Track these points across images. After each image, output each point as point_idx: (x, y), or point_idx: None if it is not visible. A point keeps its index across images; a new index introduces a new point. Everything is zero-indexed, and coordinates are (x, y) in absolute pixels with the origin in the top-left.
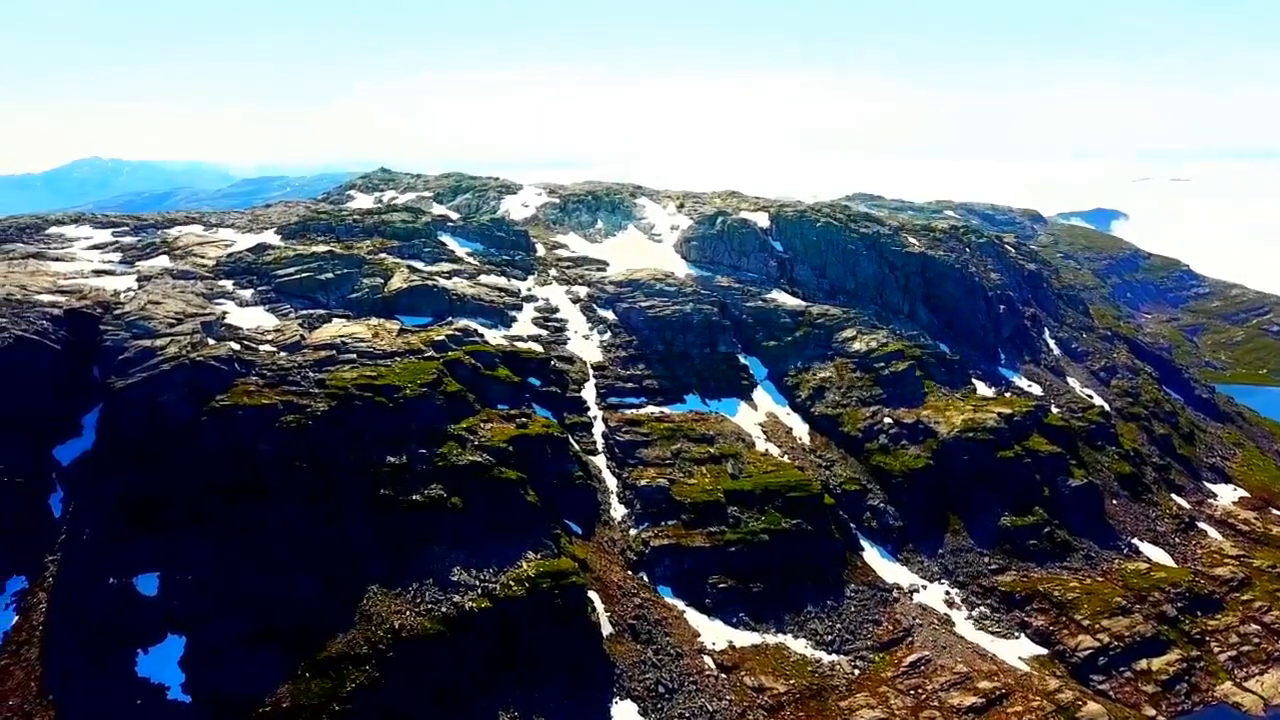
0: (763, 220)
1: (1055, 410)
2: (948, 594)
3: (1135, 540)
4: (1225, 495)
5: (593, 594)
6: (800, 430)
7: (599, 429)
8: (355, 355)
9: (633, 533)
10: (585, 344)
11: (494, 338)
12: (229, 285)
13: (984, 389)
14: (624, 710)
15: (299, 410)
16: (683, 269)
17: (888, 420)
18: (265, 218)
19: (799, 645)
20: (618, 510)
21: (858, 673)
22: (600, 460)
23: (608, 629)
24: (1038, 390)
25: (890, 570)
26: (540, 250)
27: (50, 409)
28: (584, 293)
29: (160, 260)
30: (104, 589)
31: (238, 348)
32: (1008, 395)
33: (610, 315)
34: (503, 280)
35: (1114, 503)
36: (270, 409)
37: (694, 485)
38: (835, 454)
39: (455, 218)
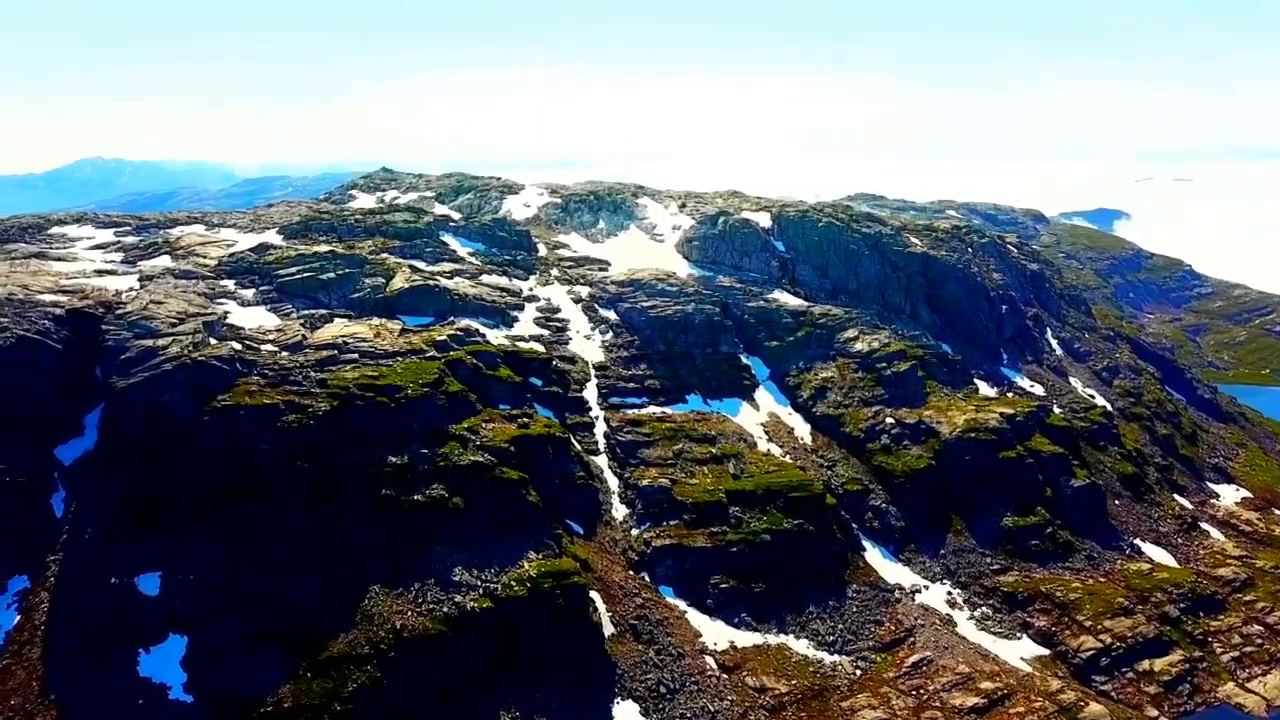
0: (765, 220)
1: (1057, 410)
2: (950, 594)
3: (1137, 541)
4: (1228, 496)
5: (594, 594)
6: (802, 430)
7: (601, 429)
8: (357, 355)
9: (634, 533)
10: (587, 344)
11: (496, 338)
12: (231, 285)
13: (986, 389)
14: (626, 710)
15: (301, 410)
16: (684, 269)
17: (890, 420)
18: (267, 217)
19: (801, 646)
20: (619, 510)
21: (859, 673)
22: (602, 460)
23: (609, 629)
24: (1040, 390)
25: (892, 571)
26: (542, 250)
27: (52, 409)
28: (586, 293)
29: (162, 260)
30: (106, 589)
31: (239, 347)
32: (1010, 395)
33: (612, 315)
34: (504, 280)
35: (1116, 503)
36: (272, 409)
37: (696, 485)
38: (837, 454)
39: (457, 218)
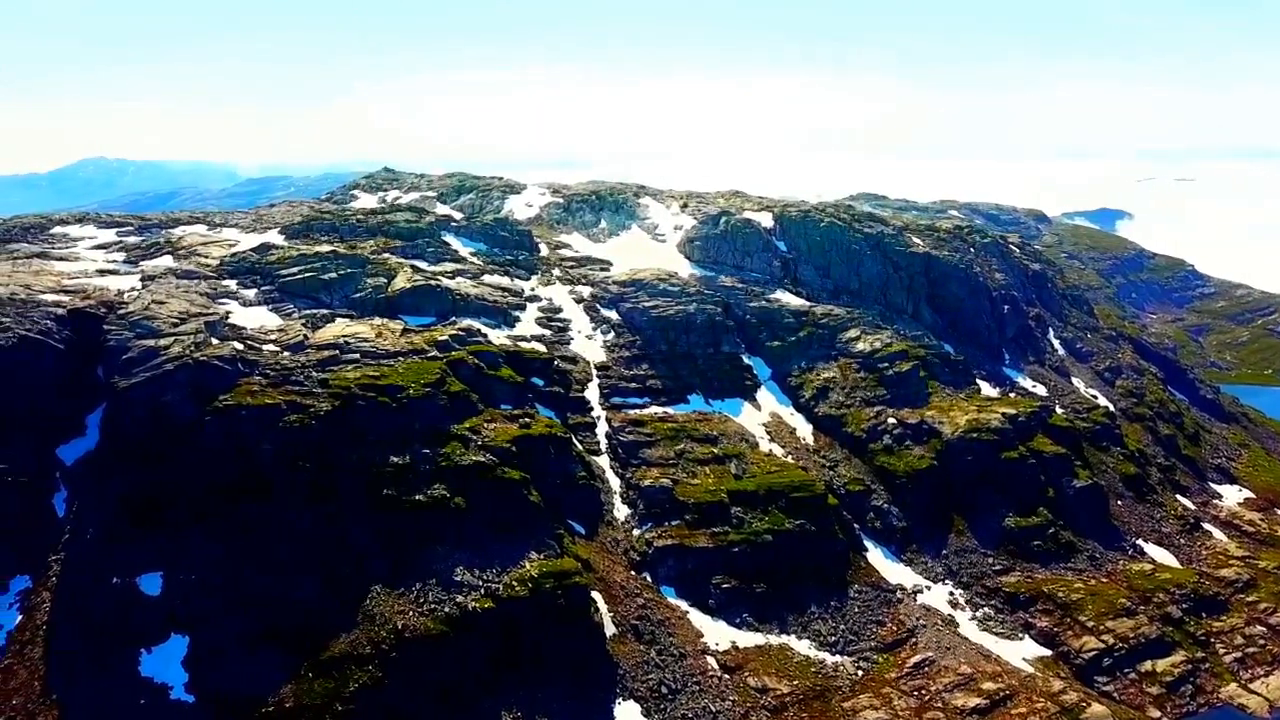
0: (766, 220)
1: (1060, 411)
2: (952, 595)
3: (1140, 541)
4: (1230, 496)
5: (596, 594)
6: (804, 430)
7: (602, 429)
8: (358, 355)
9: (636, 533)
10: (588, 344)
11: (497, 338)
12: (232, 285)
13: (988, 389)
14: (627, 711)
15: (302, 410)
16: (686, 269)
17: (892, 421)
18: (269, 217)
19: (802, 646)
20: (621, 510)
21: (861, 674)
22: (603, 460)
23: (611, 629)
24: (1042, 391)
25: (894, 571)
26: (544, 250)
27: (54, 408)
28: (587, 293)
29: (164, 260)
30: (107, 588)
31: (241, 347)
32: (1012, 396)
33: (614, 315)
34: (506, 280)
35: (1119, 503)
36: (273, 409)
37: (697, 485)
38: (839, 454)
39: (459, 217)
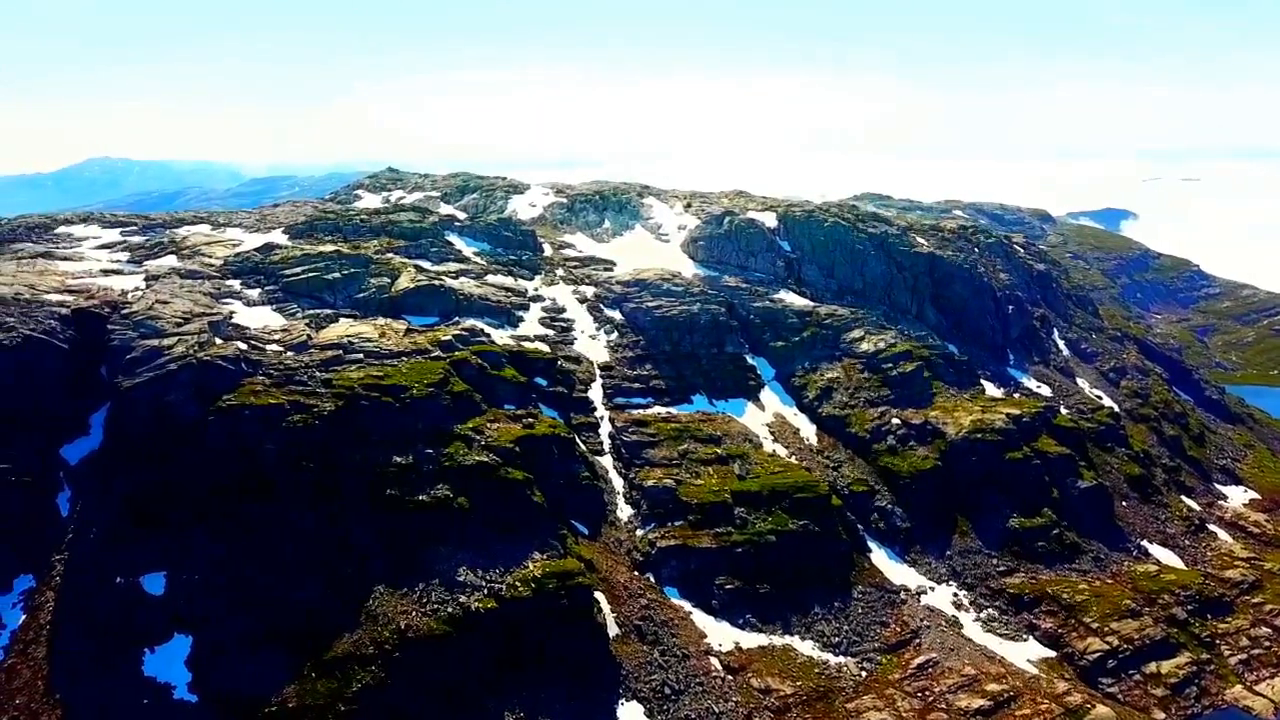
0: (770, 220)
1: (1064, 411)
2: (955, 596)
3: (1145, 542)
4: (1236, 497)
5: (599, 595)
6: (808, 431)
7: (605, 429)
8: (362, 355)
9: (639, 533)
10: (592, 344)
11: (501, 337)
12: (236, 285)
13: (992, 390)
14: (630, 711)
15: (305, 410)
16: (690, 269)
17: (895, 421)
18: (273, 217)
19: (806, 647)
20: (624, 511)
21: (865, 674)
22: (607, 460)
23: (614, 630)
24: (1047, 391)
25: (898, 572)
26: (547, 250)
27: (58, 408)
28: (591, 292)
29: (168, 260)
30: (111, 588)
31: (244, 347)
32: (1016, 396)
33: (617, 315)
34: (509, 280)
35: (1123, 504)
36: (277, 409)
37: (701, 486)
38: (843, 455)
39: (462, 217)
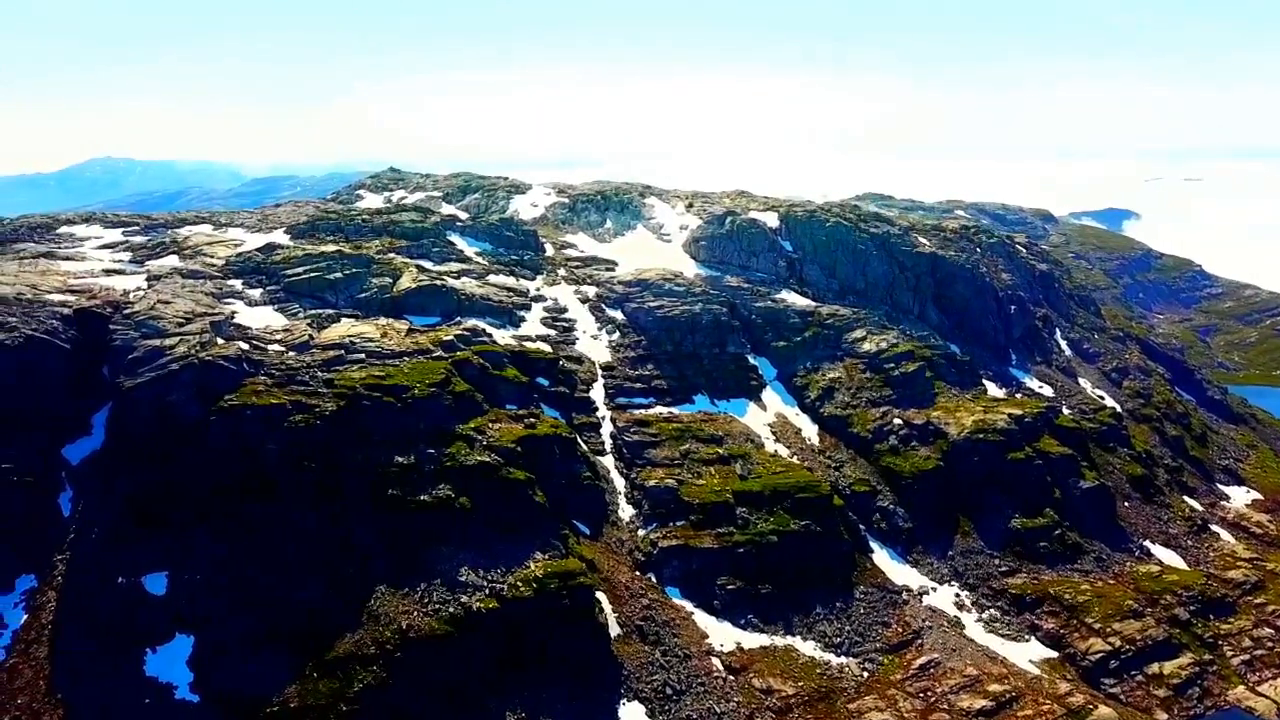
0: (772, 220)
1: (1066, 411)
2: (957, 596)
3: (1147, 543)
4: (1238, 497)
5: (600, 595)
6: (809, 431)
7: (607, 429)
8: (364, 355)
9: (641, 533)
10: (594, 344)
11: (502, 338)
12: (238, 285)
13: (994, 390)
14: (632, 711)
15: (307, 410)
16: (692, 269)
17: (897, 421)
18: (275, 217)
19: (808, 647)
20: (626, 511)
21: (866, 675)
22: (608, 461)
23: (615, 630)
24: (1049, 391)
25: (899, 572)
26: (549, 250)
27: (60, 408)
28: (593, 292)
29: (170, 260)
30: (113, 588)
31: (246, 347)
32: (1018, 396)
33: (619, 315)
34: (511, 280)
35: (1125, 505)
36: (278, 409)
37: (703, 486)
38: (844, 455)
39: (464, 217)
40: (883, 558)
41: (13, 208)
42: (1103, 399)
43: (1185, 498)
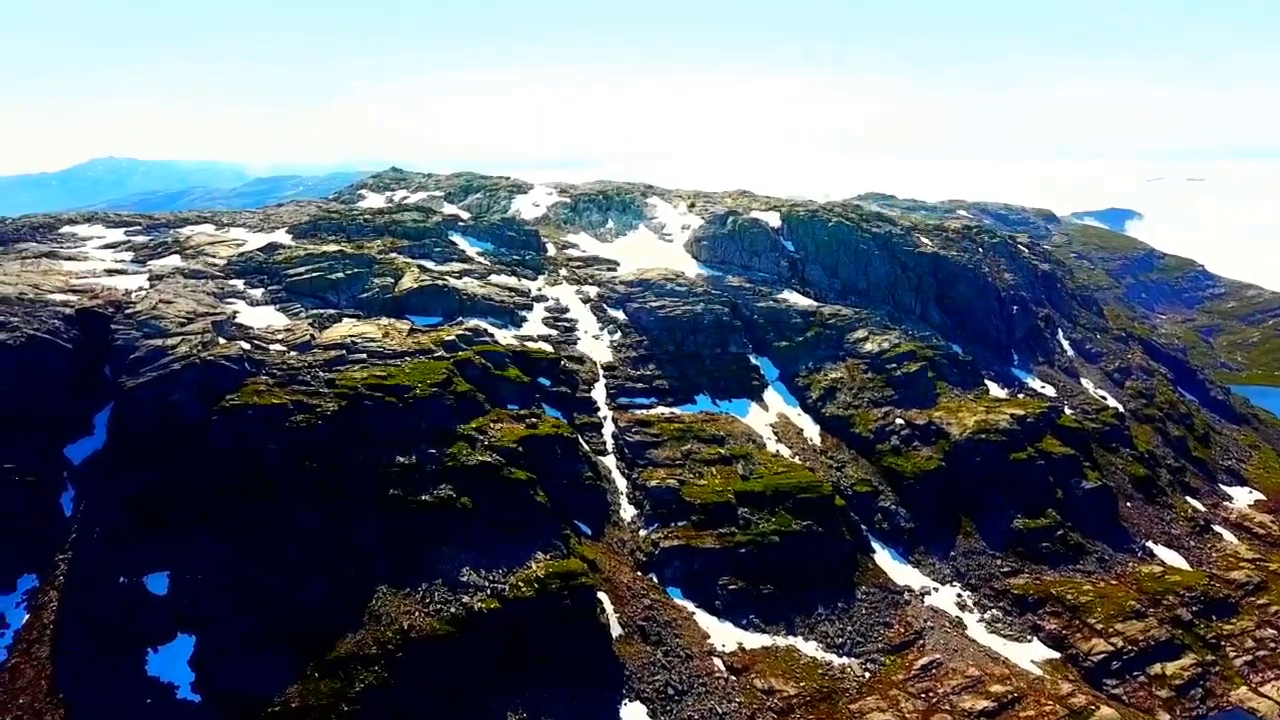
0: (774, 220)
1: (1069, 412)
2: (959, 596)
3: (1149, 543)
4: (1241, 498)
5: (602, 595)
6: (811, 431)
7: (609, 429)
8: (365, 355)
9: (642, 534)
10: (595, 344)
11: (504, 337)
12: (240, 285)
13: (997, 390)
14: (633, 712)
15: (309, 410)
16: (693, 269)
17: (899, 421)
18: (276, 217)
19: (809, 647)
20: (627, 511)
21: (868, 675)
22: (610, 461)
23: (617, 630)
24: (1051, 391)
25: (901, 572)
26: (551, 250)
27: (62, 408)
28: (594, 292)
29: (172, 259)
30: (114, 588)
31: (248, 347)
32: (1021, 396)
33: (620, 315)
34: (513, 280)
35: (1128, 505)
36: (280, 408)
37: (704, 486)
38: (846, 455)
39: (466, 217)
40: (884, 558)
41: (15, 207)
42: (1105, 399)
43: (1188, 498)
